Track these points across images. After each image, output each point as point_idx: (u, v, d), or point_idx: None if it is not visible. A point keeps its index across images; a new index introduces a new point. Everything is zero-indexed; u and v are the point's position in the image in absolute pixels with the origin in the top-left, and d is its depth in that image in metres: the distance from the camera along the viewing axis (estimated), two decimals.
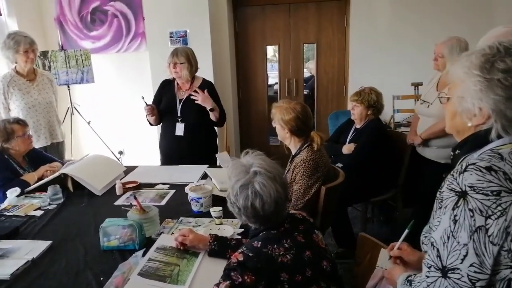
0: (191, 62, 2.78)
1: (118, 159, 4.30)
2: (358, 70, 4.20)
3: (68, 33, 4.41)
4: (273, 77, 4.79)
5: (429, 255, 0.92)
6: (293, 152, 2.14)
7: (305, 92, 4.72)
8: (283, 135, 2.09)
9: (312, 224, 1.32)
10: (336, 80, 4.50)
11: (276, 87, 4.87)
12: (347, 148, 2.84)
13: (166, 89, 2.93)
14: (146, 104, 2.79)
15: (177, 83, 2.88)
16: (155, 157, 4.27)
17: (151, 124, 3.00)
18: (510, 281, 0.85)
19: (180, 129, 2.85)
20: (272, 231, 1.22)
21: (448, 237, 0.87)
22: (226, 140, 4.03)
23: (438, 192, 0.96)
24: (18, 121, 2.45)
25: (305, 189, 1.99)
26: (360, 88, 2.88)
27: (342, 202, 2.65)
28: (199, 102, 2.71)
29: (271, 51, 4.77)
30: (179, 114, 2.83)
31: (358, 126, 2.92)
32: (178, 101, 2.84)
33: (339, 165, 2.72)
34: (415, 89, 3.80)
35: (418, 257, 1.19)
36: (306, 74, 4.74)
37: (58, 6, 4.35)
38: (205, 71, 3.87)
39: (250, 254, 1.15)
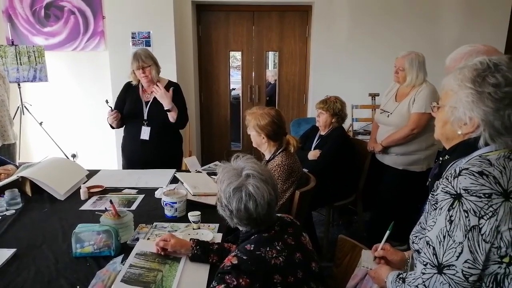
0: (156, 63, 2.74)
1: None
2: (318, 79, 4.35)
3: (18, 28, 4.13)
4: (233, 83, 4.81)
5: (424, 254, 0.98)
6: (267, 157, 2.17)
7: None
8: (259, 141, 2.11)
9: (299, 226, 1.36)
10: (297, 88, 4.62)
11: (234, 92, 4.89)
12: (313, 154, 2.93)
13: (130, 92, 2.83)
14: (112, 109, 2.68)
15: (141, 86, 2.80)
16: (111, 161, 4.12)
17: (112, 128, 2.88)
18: (497, 275, 0.94)
19: (145, 133, 2.77)
20: (264, 234, 1.24)
21: (444, 236, 0.94)
22: (188, 145, 3.98)
23: (431, 195, 1.03)
24: None
25: (279, 194, 2.02)
26: (326, 96, 2.99)
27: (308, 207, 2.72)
28: (157, 96, 2.66)
29: (233, 57, 4.79)
30: (145, 118, 2.76)
31: (322, 133, 3.02)
32: (144, 104, 2.77)
33: (305, 170, 2.79)
34: (372, 99, 4.02)
35: (400, 256, 1.27)
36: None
37: None
38: (169, 75, 3.79)
39: (244, 257, 1.16)
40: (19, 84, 3.77)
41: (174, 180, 2.41)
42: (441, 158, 1.08)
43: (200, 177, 2.40)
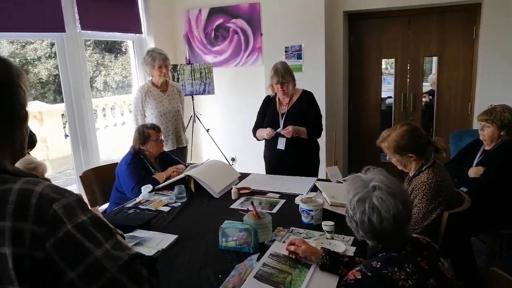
0: (293, 77, 2.89)
1: (231, 165, 4.57)
2: (488, 86, 3.79)
3: (194, 48, 4.88)
4: (384, 91, 4.59)
5: None
6: (411, 174, 2.03)
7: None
8: (406, 161, 1.99)
9: (437, 251, 1.24)
10: (460, 96, 4.12)
11: (388, 101, 4.66)
12: (474, 171, 2.58)
13: (268, 105, 3.07)
14: (276, 133, 2.88)
15: (278, 98, 2.97)
16: (262, 166, 4.46)
17: (257, 139, 3.14)
18: None
19: (281, 143, 2.92)
20: (393, 253, 1.18)
21: None
22: (334, 154, 3.99)
23: None
24: (153, 127, 2.79)
25: (424, 214, 1.86)
26: (489, 106, 2.60)
27: (466, 231, 2.41)
28: (287, 135, 2.79)
29: (384, 64, 4.58)
30: (281, 128, 2.91)
31: (487, 148, 2.63)
32: (280, 116, 2.93)
33: (463, 189, 2.49)
34: None
35: None
36: (427, 88, 4.43)
37: (187, 24, 4.85)
38: (317, 84, 3.92)
39: (369, 274, 1.13)
40: (192, 97, 4.45)
41: (315, 188, 2.48)
42: None
43: (340, 188, 2.40)
